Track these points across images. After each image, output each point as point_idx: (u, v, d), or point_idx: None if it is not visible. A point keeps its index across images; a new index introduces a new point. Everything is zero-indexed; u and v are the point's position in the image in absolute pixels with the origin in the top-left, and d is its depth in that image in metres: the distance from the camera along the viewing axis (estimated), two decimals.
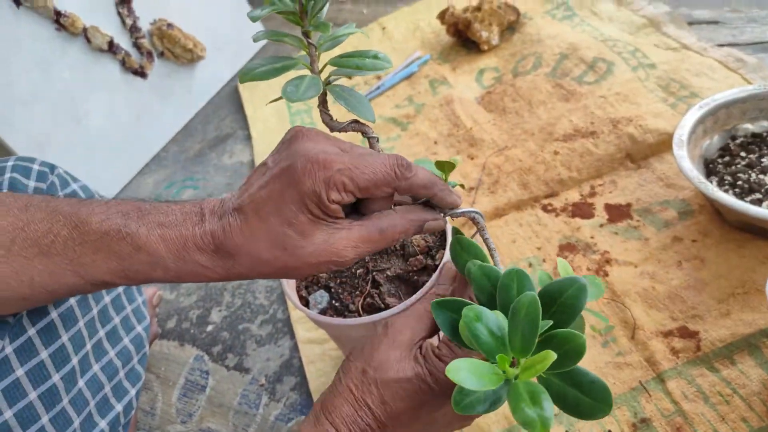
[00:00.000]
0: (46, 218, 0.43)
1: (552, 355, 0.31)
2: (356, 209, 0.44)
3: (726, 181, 0.70)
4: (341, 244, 0.40)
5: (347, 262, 0.41)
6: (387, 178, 0.40)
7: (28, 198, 0.46)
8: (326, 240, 0.40)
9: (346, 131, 0.48)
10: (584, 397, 0.34)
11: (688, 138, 0.71)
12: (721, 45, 0.95)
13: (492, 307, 0.38)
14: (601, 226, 0.75)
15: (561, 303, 0.37)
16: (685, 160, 0.68)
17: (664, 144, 0.81)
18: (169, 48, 1.23)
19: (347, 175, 0.39)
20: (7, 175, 0.59)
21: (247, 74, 0.45)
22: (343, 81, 0.69)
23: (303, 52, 0.47)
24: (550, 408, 0.31)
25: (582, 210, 0.78)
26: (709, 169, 0.74)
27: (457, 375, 0.32)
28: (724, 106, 0.74)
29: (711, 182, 0.69)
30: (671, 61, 0.94)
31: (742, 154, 0.73)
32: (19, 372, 0.50)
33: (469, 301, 0.40)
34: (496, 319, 0.36)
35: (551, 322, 0.36)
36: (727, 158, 0.74)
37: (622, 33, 1.05)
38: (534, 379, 0.34)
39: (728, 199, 0.63)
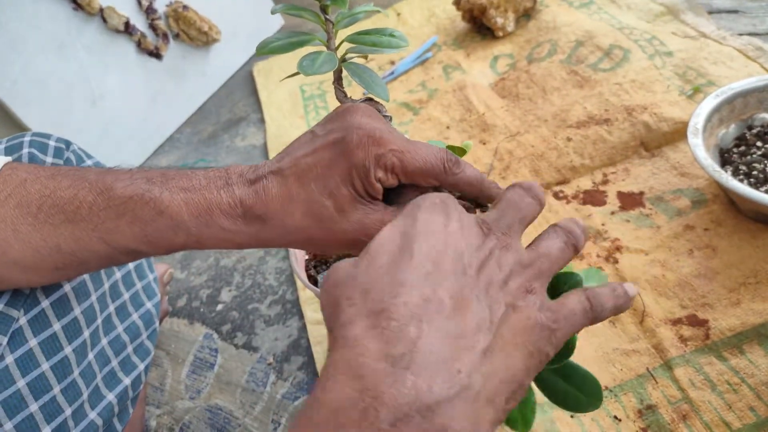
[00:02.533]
0: (73, 185, 0.43)
1: None
2: (388, 198, 0.42)
3: (741, 171, 0.70)
4: (375, 226, 0.39)
5: None
6: (436, 170, 0.39)
7: (54, 168, 0.47)
8: (360, 219, 0.39)
9: None
10: (574, 390, 0.34)
11: (703, 126, 0.70)
12: (741, 34, 0.94)
13: None
14: (613, 213, 0.75)
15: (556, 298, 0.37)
16: (699, 149, 0.67)
17: (678, 133, 0.80)
18: (185, 30, 1.23)
19: (399, 157, 0.38)
20: (26, 150, 0.60)
21: (264, 47, 0.45)
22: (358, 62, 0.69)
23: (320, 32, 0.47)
24: (533, 405, 0.32)
25: (594, 197, 0.78)
26: (724, 158, 0.73)
27: None
28: (741, 95, 0.73)
29: (726, 171, 0.69)
30: (689, 49, 0.92)
31: (759, 144, 0.72)
32: (32, 342, 0.51)
33: None
34: None
35: None
36: (742, 148, 0.73)
37: (639, 21, 1.03)
38: None
39: (743, 188, 0.62)
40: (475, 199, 0.43)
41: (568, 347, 0.33)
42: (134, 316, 0.65)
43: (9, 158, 0.48)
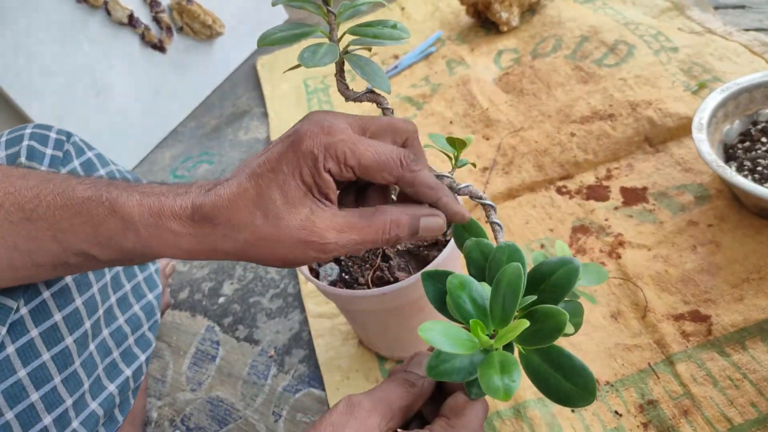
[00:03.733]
0: (37, 185, 0.43)
1: (524, 323, 0.30)
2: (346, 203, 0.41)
3: (745, 167, 0.69)
4: (324, 224, 0.38)
5: (329, 248, 0.38)
6: (391, 163, 0.38)
7: (28, 170, 0.47)
8: (308, 217, 0.37)
9: (361, 101, 0.47)
10: (566, 382, 0.33)
11: (708, 122, 0.69)
12: (747, 30, 0.93)
13: (483, 279, 0.38)
14: (616, 208, 0.75)
15: (551, 282, 0.35)
16: (704, 144, 0.67)
17: (683, 128, 0.80)
18: (188, 23, 1.23)
19: (350, 147, 0.37)
20: (25, 143, 0.60)
21: (266, 38, 0.44)
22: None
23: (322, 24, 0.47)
24: (518, 377, 0.30)
25: (597, 192, 0.78)
26: (729, 154, 0.72)
27: (429, 335, 0.30)
28: (747, 91, 0.73)
29: (730, 167, 0.68)
30: (694, 45, 0.92)
31: (763, 139, 0.71)
32: (33, 333, 0.51)
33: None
34: (480, 288, 0.35)
35: (535, 297, 0.35)
36: (747, 143, 0.72)
37: (644, 16, 1.03)
38: (516, 355, 0.34)
39: (747, 184, 0.62)
40: (434, 205, 0.41)
41: (557, 327, 0.31)
42: (136, 307, 0.65)
43: None
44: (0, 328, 0.48)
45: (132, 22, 1.13)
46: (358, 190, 0.44)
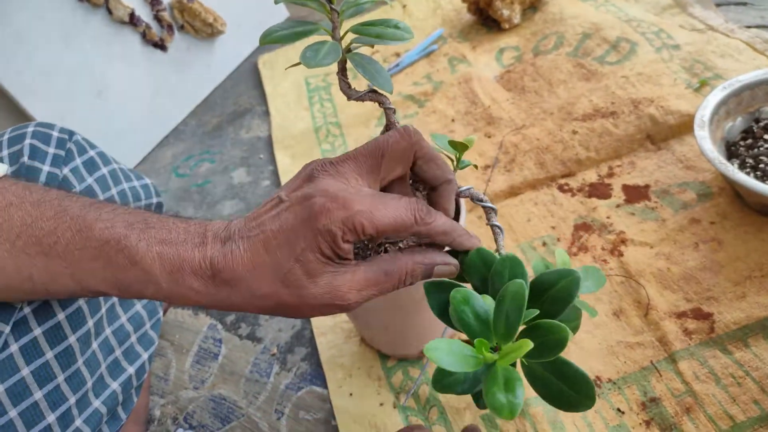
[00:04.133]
0: (54, 217, 0.43)
1: (528, 344, 0.31)
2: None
3: (747, 164, 0.69)
4: (345, 287, 0.38)
5: (350, 306, 0.39)
6: (407, 223, 0.39)
7: (43, 192, 0.46)
8: (329, 282, 0.38)
9: (363, 100, 0.47)
10: (567, 389, 0.34)
11: (710, 119, 0.69)
12: (749, 27, 0.93)
13: (485, 291, 0.38)
14: (618, 206, 0.75)
15: (552, 294, 0.36)
16: (706, 141, 0.66)
17: (685, 126, 0.80)
18: (189, 21, 1.23)
19: (367, 217, 0.37)
20: (27, 142, 0.60)
21: (268, 36, 0.44)
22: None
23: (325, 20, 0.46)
24: (522, 395, 0.31)
25: (599, 190, 0.78)
26: (731, 151, 0.72)
27: (434, 354, 0.31)
28: (749, 88, 0.73)
29: (732, 164, 0.68)
30: (696, 43, 0.92)
31: (766, 136, 0.71)
32: (37, 331, 0.51)
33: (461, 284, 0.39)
34: (483, 303, 0.36)
35: (538, 311, 0.35)
36: (749, 141, 0.72)
37: (646, 13, 1.03)
38: (519, 366, 0.34)
39: (749, 181, 0.61)
40: (449, 246, 0.42)
41: (559, 343, 0.32)
42: (138, 306, 0.65)
43: (7, 168, 0.48)
44: (4, 326, 0.48)
45: (133, 20, 1.13)
46: None
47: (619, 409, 0.57)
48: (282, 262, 0.38)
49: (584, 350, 0.62)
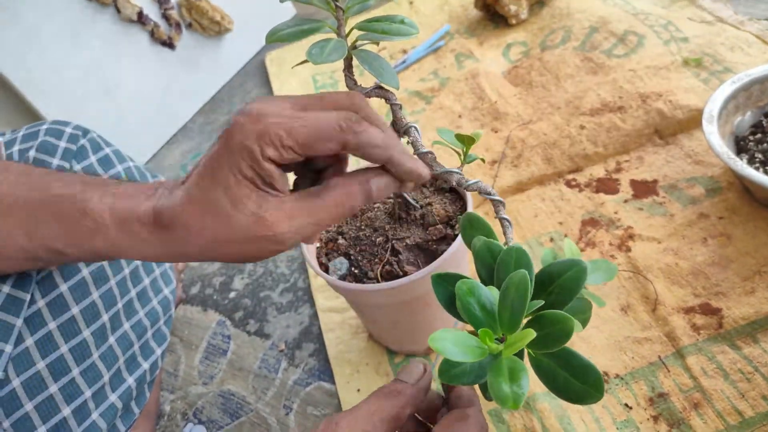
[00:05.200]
0: (16, 181, 0.44)
1: (531, 333, 0.31)
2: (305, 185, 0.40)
3: (757, 159, 0.69)
4: (273, 215, 0.36)
5: (285, 238, 0.37)
6: (330, 132, 0.35)
7: (11, 163, 0.47)
8: (256, 211, 0.36)
9: (369, 96, 0.48)
10: (574, 380, 0.33)
11: (718, 114, 0.69)
12: (760, 19, 0.92)
13: (492, 282, 0.38)
14: (626, 201, 0.74)
15: (559, 284, 0.36)
16: (714, 136, 0.66)
17: (694, 120, 0.79)
18: (197, 20, 1.24)
19: (284, 127, 0.35)
20: (40, 139, 0.61)
21: (274, 34, 0.44)
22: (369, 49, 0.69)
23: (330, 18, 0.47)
24: (526, 386, 0.31)
25: (606, 185, 0.77)
26: (740, 146, 0.72)
27: (439, 344, 0.31)
28: (759, 82, 0.72)
29: (741, 159, 0.68)
30: (705, 35, 0.91)
31: None
32: (52, 325, 0.52)
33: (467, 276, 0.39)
34: (489, 294, 0.36)
35: (543, 302, 0.35)
36: (759, 135, 0.72)
37: (654, 6, 1.02)
38: (526, 357, 0.34)
39: (758, 176, 0.61)
40: (388, 165, 0.39)
41: (564, 333, 0.32)
42: (154, 301, 0.66)
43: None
44: (15, 320, 0.49)
45: (141, 19, 1.14)
46: (315, 171, 0.43)
47: (626, 405, 0.57)
48: (208, 192, 0.36)
49: (592, 345, 0.62)
